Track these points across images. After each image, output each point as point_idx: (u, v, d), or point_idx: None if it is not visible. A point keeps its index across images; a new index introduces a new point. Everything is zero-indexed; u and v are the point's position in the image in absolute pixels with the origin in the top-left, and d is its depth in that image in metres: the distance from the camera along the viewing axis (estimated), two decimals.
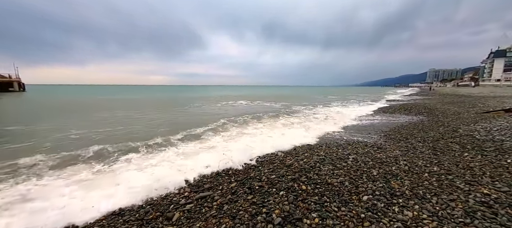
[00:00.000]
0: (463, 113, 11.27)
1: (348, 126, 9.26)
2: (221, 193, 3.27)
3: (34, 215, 2.69)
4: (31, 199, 3.13)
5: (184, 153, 5.48)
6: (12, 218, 2.66)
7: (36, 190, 3.41)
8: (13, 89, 39.69)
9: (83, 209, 2.83)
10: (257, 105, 19.90)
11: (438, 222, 2.54)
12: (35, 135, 7.65)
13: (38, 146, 6.25)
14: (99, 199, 3.05)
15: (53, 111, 15.50)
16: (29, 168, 4.51)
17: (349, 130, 8.40)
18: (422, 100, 23.07)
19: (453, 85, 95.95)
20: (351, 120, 10.61)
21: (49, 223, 2.54)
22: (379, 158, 4.82)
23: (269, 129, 8.57)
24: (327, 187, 3.37)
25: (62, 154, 5.42)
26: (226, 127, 9.22)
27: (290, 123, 10.01)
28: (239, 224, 2.47)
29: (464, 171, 4.03)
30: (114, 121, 10.89)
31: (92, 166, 4.63)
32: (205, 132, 8.06)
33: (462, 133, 6.86)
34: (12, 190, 3.42)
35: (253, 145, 5.93)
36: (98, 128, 8.82)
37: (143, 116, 12.88)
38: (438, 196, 3.14)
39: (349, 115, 12.38)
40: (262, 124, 9.63)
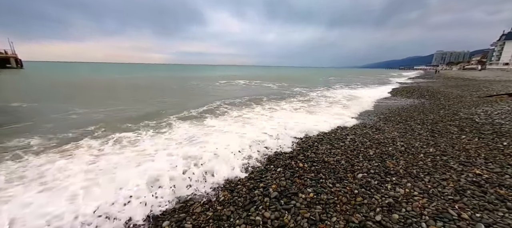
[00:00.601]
0: (466, 97, 11.16)
1: (352, 109, 9.25)
2: None
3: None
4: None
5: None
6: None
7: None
8: (11, 66, 39.03)
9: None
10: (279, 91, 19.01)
11: (428, 199, 2.65)
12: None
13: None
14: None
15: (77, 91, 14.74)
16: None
17: (351, 112, 8.41)
18: (425, 83, 22.74)
19: (459, 68, 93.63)
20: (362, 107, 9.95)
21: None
22: (377, 139, 4.88)
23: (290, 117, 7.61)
24: (324, 165, 3.46)
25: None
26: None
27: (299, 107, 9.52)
28: (237, 197, 2.59)
29: (459, 152, 4.10)
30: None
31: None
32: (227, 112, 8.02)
33: (462, 116, 6.86)
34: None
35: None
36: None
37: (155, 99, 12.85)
38: (431, 175, 3.23)
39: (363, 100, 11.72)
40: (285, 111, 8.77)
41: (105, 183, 2.72)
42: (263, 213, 2.32)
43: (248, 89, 16.83)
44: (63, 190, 2.60)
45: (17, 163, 3.45)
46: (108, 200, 2.38)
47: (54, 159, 3.58)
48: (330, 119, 6.92)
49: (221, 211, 2.35)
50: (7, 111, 7.75)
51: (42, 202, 2.36)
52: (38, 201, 2.36)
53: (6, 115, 7.12)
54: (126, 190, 2.56)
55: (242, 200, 2.53)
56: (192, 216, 2.29)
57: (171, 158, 3.56)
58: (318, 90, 16.18)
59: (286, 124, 6.09)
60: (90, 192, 2.56)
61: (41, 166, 3.30)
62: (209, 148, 4.02)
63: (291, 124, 6.05)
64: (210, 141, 4.44)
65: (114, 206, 2.31)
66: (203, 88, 17.56)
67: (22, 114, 7.32)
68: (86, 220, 2.12)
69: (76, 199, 2.42)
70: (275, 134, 5.05)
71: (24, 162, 3.47)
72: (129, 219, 2.20)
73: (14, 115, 7.21)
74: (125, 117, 6.91)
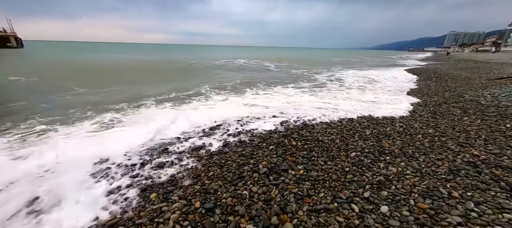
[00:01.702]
0: (474, 79, 10.73)
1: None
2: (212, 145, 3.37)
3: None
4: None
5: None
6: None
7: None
8: (11, 45, 38.44)
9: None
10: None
11: (420, 177, 2.61)
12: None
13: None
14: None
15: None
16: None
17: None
18: (434, 65, 21.89)
19: (472, 50, 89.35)
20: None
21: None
22: (375, 119, 4.78)
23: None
24: (317, 144, 3.42)
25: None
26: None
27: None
28: (226, 172, 2.59)
29: (459, 134, 3.99)
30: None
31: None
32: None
33: (468, 99, 6.63)
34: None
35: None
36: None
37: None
38: (426, 155, 3.17)
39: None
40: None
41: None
42: (250, 188, 2.32)
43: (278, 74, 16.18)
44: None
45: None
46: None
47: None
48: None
49: (209, 185, 2.36)
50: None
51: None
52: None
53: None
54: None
55: (231, 175, 2.53)
56: (179, 189, 2.31)
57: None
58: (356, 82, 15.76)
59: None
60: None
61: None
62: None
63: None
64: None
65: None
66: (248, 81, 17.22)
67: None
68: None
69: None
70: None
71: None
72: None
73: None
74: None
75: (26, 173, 2.49)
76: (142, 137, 3.56)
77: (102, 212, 2.02)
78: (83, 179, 2.47)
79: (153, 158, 3.02)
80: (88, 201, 2.14)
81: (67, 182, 2.36)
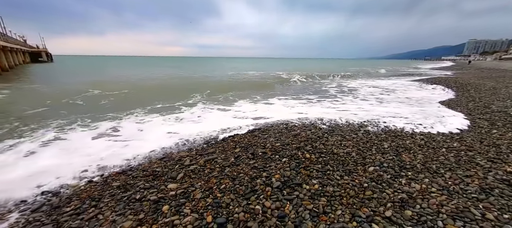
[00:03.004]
0: (500, 89, 10.04)
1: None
2: (225, 157, 3.35)
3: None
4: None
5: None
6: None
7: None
8: (42, 59, 42.20)
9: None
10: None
11: (448, 196, 2.40)
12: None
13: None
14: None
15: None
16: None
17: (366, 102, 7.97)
18: (453, 74, 20.87)
19: (495, 58, 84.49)
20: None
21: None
22: (393, 131, 4.56)
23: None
24: (332, 157, 3.29)
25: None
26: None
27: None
28: (238, 185, 2.54)
29: (488, 148, 3.69)
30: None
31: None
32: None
33: (495, 109, 6.18)
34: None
35: None
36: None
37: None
38: (453, 171, 2.94)
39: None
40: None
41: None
42: (263, 202, 2.25)
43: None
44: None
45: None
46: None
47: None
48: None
49: (221, 198, 2.32)
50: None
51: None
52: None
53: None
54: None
55: (243, 188, 2.47)
56: (191, 202, 2.28)
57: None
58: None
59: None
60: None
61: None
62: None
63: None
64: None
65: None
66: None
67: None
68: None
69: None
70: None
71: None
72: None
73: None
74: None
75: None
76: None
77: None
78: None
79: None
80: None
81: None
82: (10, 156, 3.60)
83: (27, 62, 35.63)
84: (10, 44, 25.51)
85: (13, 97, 8.98)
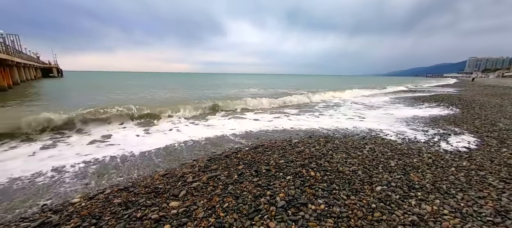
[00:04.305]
0: (507, 106, 9.95)
1: (370, 114, 8.72)
2: (228, 174, 3.30)
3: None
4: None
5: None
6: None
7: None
8: (53, 75, 43.94)
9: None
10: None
11: (461, 219, 2.29)
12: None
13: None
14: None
15: None
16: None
17: (369, 121, 7.91)
18: (458, 91, 20.83)
19: (497, 75, 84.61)
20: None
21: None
22: (399, 149, 4.47)
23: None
24: (338, 175, 3.21)
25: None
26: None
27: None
28: (242, 203, 2.47)
29: (499, 167, 3.57)
30: None
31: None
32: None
33: (503, 127, 6.07)
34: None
35: None
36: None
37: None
38: (465, 192, 2.82)
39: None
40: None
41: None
42: (268, 223, 2.16)
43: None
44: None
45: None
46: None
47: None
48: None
49: (224, 218, 2.24)
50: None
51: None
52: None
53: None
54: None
55: (247, 208, 2.40)
56: (194, 221, 2.21)
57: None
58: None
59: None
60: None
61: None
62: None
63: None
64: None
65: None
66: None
67: None
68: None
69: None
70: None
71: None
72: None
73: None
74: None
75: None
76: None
77: None
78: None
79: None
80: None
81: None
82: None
83: (39, 77, 37.16)
84: (23, 60, 26.71)
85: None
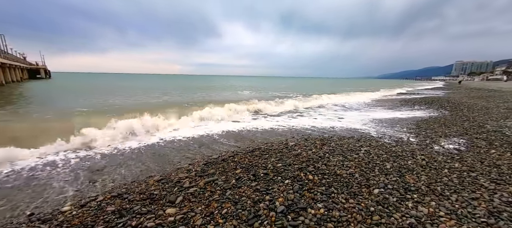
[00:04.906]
0: (492, 109, 10.34)
1: (362, 119, 8.87)
2: (225, 178, 3.25)
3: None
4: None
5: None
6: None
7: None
8: (41, 76, 42.42)
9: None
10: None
11: (457, 221, 2.33)
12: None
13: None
14: None
15: None
16: None
17: (363, 122, 8.04)
18: (446, 94, 21.54)
19: (482, 78, 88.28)
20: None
21: None
22: (394, 151, 4.54)
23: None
24: (336, 178, 3.22)
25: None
26: None
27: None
28: (241, 209, 2.43)
29: (489, 168, 3.68)
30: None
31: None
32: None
33: (490, 129, 6.29)
34: None
35: None
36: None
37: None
38: (459, 194, 2.89)
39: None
40: None
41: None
42: None
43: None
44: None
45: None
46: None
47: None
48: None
49: (223, 225, 2.19)
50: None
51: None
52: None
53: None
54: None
55: (246, 214, 2.36)
56: None
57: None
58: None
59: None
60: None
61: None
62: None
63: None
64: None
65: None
66: None
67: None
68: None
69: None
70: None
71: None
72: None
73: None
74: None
75: None
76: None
77: None
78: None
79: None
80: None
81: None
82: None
83: (25, 79, 35.84)
84: (8, 61, 25.66)
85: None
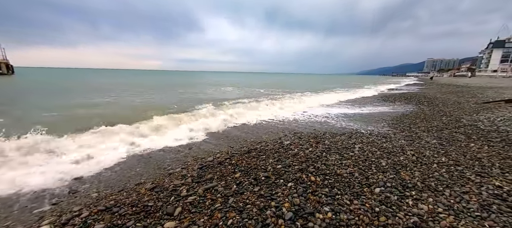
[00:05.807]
0: (464, 103, 11.23)
1: (349, 114, 9.13)
2: (225, 184, 3.09)
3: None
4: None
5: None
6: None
7: None
8: (2, 72, 38.00)
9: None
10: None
11: (455, 216, 2.43)
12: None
13: None
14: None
15: None
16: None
17: (350, 118, 8.28)
18: (420, 89, 23.08)
19: (450, 75, 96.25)
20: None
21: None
22: (385, 147, 4.69)
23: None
24: (337, 178, 3.22)
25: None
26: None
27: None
28: (247, 218, 2.31)
29: (472, 162, 3.94)
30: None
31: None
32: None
33: (466, 123, 6.79)
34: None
35: None
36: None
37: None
38: (451, 188, 3.03)
39: None
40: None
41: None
42: None
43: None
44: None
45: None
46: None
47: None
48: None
49: None
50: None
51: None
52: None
53: None
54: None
55: (253, 223, 2.25)
56: None
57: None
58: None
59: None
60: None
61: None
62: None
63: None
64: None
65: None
66: None
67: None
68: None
69: None
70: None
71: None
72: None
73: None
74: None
75: None
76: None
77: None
78: None
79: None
80: None
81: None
82: None
83: None
84: None
85: None
